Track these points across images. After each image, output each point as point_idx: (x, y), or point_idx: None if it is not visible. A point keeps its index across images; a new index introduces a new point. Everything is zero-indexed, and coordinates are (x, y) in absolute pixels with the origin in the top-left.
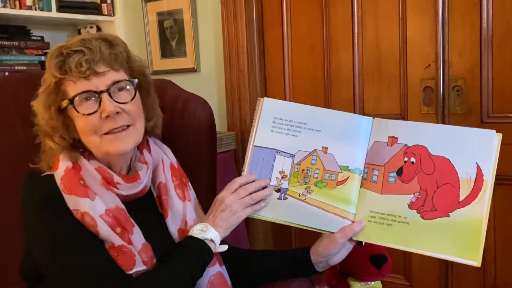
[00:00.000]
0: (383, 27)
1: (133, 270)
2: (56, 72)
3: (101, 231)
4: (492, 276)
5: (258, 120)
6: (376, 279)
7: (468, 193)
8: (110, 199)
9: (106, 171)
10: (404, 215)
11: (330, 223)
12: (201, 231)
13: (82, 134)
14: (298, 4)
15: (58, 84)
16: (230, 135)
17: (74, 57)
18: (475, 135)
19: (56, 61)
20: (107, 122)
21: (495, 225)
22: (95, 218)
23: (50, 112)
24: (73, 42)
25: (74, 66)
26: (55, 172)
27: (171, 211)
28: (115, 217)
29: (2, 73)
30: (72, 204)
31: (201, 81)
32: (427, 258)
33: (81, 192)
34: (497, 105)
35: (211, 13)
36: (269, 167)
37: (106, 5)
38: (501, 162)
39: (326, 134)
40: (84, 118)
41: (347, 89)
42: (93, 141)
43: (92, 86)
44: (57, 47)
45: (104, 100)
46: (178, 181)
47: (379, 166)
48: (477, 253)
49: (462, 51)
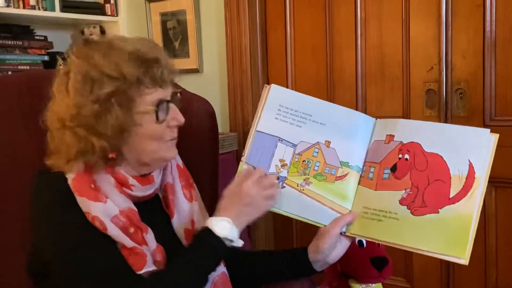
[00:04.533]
0: (386, 29)
1: (143, 270)
2: (142, 77)
3: (111, 235)
4: (493, 279)
5: (264, 105)
6: (377, 281)
7: (459, 190)
8: (122, 201)
9: (119, 174)
10: (394, 211)
11: (325, 216)
12: (223, 228)
13: (144, 139)
14: (301, 5)
15: (134, 88)
16: (232, 136)
17: (157, 66)
18: (469, 133)
19: (140, 66)
20: (172, 130)
21: (497, 227)
22: (105, 223)
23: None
24: (144, 46)
25: (158, 76)
26: (68, 170)
27: (177, 211)
28: (128, 217)
29: (5, 72)
30: (84, 206)
31: (203, 82)
32: (429, 260)
33: (92, 195)
34: (500, 108)
35: (215, 14)
36: (270, 154)
37: (109, 5)
38: (503, 164)
39: (330, 129)
40: (156, 125)
41: (350, 91)
42: (153, 147)
43: (165, 94)
44: (133, 50)
45: (175, 110)
46: (185, 181)
47: (375, 164)
48: (465, 251)
49: (465, 54)
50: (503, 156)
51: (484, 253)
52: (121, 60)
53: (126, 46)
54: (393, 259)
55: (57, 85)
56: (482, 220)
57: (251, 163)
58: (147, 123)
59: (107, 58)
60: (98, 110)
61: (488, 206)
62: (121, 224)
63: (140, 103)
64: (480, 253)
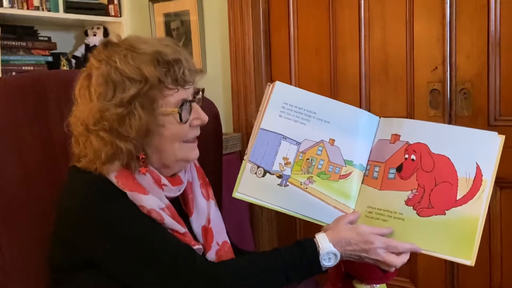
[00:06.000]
0: (390, 30)
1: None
2: (163, 78)
3: (167, 223)
4: (498, 280)
5: (267, 103)
6: (381, 282)
7: (466, 192)
8: (162, 197)
9: (154, 172)
10: (400, 211)
11: (328, 215)
12: (329, 259)
13: (168, 140)
14: (305, 6)
15: (155, 89)
16: (236, 136)
17: (178, 66)
18: (477, 135)
19: (161, 67)
20: (194, 130)
21: (502, 229)
22: (161, 213)
23: (151, 116)
24: (164, 47)
25: (180, 76)
26: (105, 171)
27: (196, 209)
28: (171, 211)
29: (9, 73)
30: (136, 200)
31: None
32: (433, 261)
33: (141, 189)
34: (504, 108)
35: (218, 15)
36: (273, 152)
37: (113, 6)
38: (508, 165)
39: (335, 127)
40: (179, 126)
41: (353, 92)
42: (175, 148)
43: (187, 94)
44: (154, 52)
45: (198, 110)
46: (202, 180)
47: (380, 163)
48: (471, 253)
49: (469, 54)
50: (508, 157)
51: (488, 253)
52: (142, 62)
53: (146, 47)
54: None
55: (79, 89)
56: (487, 220)
57: (254, 161)
58: (170, 123)
59: (128, 60)
60: (121, 113)
61: (493, 206)
62: (169, 215)
63: (162, 104)
64: (485, 253)
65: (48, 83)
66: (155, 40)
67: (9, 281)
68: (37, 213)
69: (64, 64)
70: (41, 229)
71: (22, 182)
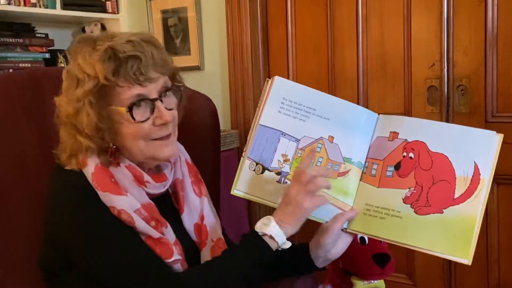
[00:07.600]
0: (388, 26)
1: (172, 259)
2: (110, 76)
3: (138, 226)
4: (496, 276)
5: (266, 98)
6: (379, 278)
7: (464, 190)
8: (141, 195)
9: (136, 169)
10: (398, 209)
11: (327, 212)
12: (263, 225)
13: (129, 138)
14: (303, 2)
15: (107, 87)
16: (234, 133)
17: (131, 63)
18: (476, 134)
19: (110, 64)
20: (160, 129)
21: (499, 225)
22: (131, 215)
23: (99, 114)
24: (123, 44)
25: (132, 73)
26: (84, 168)
27: (187, 207)
28: (149, 211)
29: (6, 70)
30: (107, 201)
31: (205, 79)
32: (431, 257)
33: (114, 189)
34: (501, 104)
35: (216, 11)
36: (272, 149)
37: (110, 3)
38: (506, 161)
39: (334, 124)
40: (136, 124)
41: (351, 88)
42: (139, 146)
43: (146, 92)
44: (106, 48)
45: (160, 108)
46: (194, 177)
47: (378, 160)
48: (468, 251)
49: (467, 50)
50: (505, 153)
51: (486, 250)
52: (95, 59)
53: (103, 44)
54: (395, 256)
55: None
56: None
57: (253, 158)
58: (126, 121)
59: (87, 57)
60: (75, 109)
61: (490, 203)
62: (142, 217)
63: (114, 102)
64: (482, 250)
65: (46, 80)
66: (125, 34)
67: (8, 280)
68: (35, 208)
69: (62, 61)
70: (39, 226)
71: (19, 178)
